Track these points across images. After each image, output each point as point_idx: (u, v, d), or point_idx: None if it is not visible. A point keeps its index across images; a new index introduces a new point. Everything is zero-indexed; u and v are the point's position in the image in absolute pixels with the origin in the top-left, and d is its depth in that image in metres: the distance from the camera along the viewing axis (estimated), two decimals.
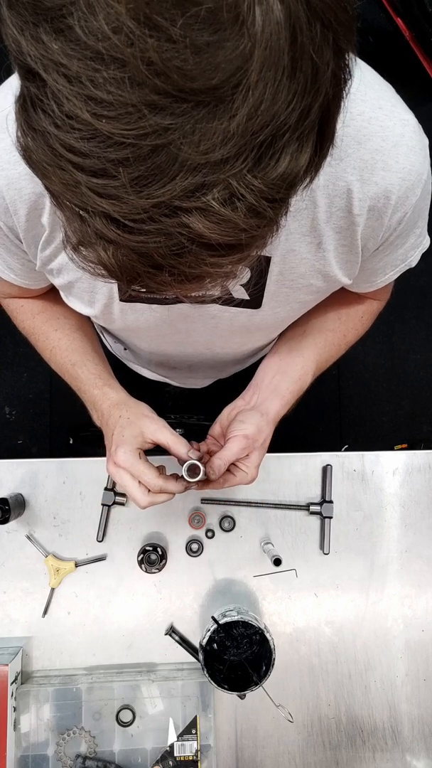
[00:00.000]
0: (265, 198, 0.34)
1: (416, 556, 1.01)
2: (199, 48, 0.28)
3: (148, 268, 0.36)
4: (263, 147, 0.32)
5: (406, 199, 0.58)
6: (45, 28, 0.29)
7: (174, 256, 0.35)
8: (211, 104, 0.30)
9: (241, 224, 0.34)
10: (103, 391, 0.80)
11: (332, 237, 0.61)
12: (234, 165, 0.32)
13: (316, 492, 1.00)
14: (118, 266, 0.37)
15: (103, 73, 0.29)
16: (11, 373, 1.94)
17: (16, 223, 0.62)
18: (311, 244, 0.62)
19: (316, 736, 0.97)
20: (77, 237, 0.37)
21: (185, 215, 0.33)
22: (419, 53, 1.94)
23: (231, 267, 0.38)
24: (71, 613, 0.97)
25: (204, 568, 0.98)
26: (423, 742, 0.98)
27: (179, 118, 0.30)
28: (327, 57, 0.32)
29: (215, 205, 0.33)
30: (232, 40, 0.29)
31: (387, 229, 0.61)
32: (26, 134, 0.33)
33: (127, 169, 0.31)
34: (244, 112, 0.30)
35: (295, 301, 0.71)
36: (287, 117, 0.31)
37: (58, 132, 0.31)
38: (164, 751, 0.92)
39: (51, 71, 0.30)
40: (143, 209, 0.33)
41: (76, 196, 0.33)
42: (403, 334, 2.03)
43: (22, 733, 0.91)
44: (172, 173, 0.31)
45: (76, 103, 0.30)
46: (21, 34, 0.30)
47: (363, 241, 0.63)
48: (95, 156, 0.31)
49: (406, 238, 0.66)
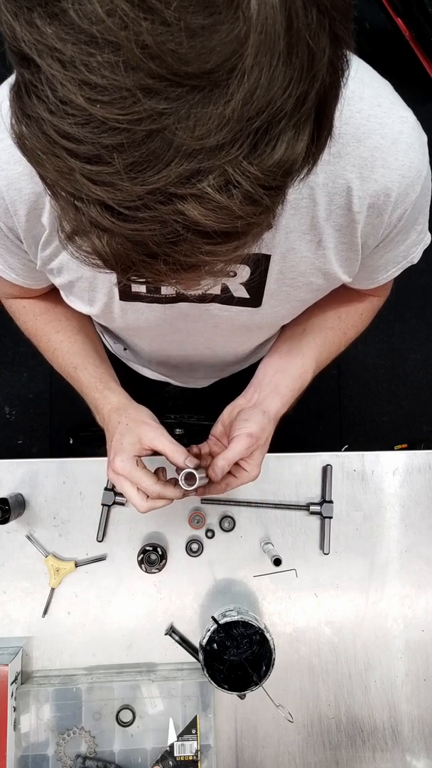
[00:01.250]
0: (261, 185, 0.33)
1: (416, 556, 1.01)
2: (194, 31, 0.28)
3: (143, 257, 0.36)
4: (259, 133, 0.32)
5: (406, 196, 0.58)
6: (39, 13, 0.29)
7: (169, 244, 0.35)
8: (206, 89, 0.30)
9: (237, 211, 0.34)
10: (104, 395, 0.80)
11: (332, 235, 0.61)
12: (230, 151, 0.31)
13: (316, 492, 1.00)
14: (113, 255, 0.36)
15: (98, 57, 0.29)
16: (11, 373, 1.94)
17: (16, 223, 0.62)
18: (311, 242, 0.62)
19: (316, 736, 0.97)
20: (72, 226, 0.36)
21: (180, 202, 0.33)
22: (419, 53, 1.94)
23: (227, 256, 0.38)
24: (71, 613, 0.97)
25: (204, 568, 0.98)
26: (423, 742, 0.98)
27: (174, 102, 0.30)
28: (323, 43, 0.32)
29: (211, 192, 0.32)
30: (227, 24, 0.28)
31: (387, 226, 0.61)
32: (20, 121, 0.33)
33: (121, 155, 0.31)
34: (240, 97, 0.30)
35: (296, 300, 0.71)
36: (283, 103, 0.31)
37: (53, 118, 0.31)
38: (164, 751, 0.92)
39: (45, 56, 0.29)
40: (138, 196, 0.32)
41: (70, 183, 0.33)
42: (403, 333, 2.03)
43: (22, 733, 0.91)
44: (167, 159, 0.31)
45: (71, 88, 0.30)
46: (15, 20, 0.29)
47: (363, 239, 0.62)
48: (89, 142, 0.31)
49: (406, 235, 0.66)
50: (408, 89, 2.19)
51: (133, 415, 0.76)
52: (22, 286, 0.77)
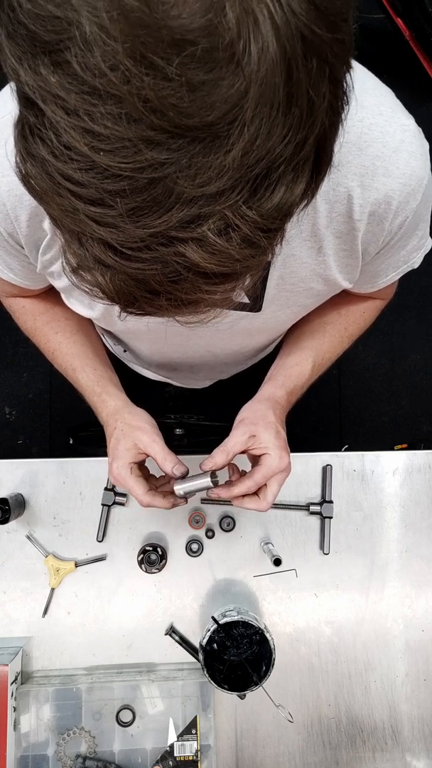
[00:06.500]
0: (259, 228, 0.34)
1: (416, 556, 1.01)
2: (195, 86, 0.28)
3: (145, 294, 0.37)
4: (258, 179, 0.32)
5: (407, 204, 0.58)
6: (43, 61, 0.29)
7: (170, 283, 0.36)
8: (207, 140, 0.30)
9: (235, 255, 0.34)
10: (102, 399, 0.80)
11: (332, 241, 0.61)
12: (229, 197, 0.32)
13: (316, 492, 1.00)
14: (116, 291, 0.37)
15: (101, 108, 0.29)
16: (11, 373, 1.94)
17: (17, 228, 0.62)
18: (312, 249, 0.62)
19: (316, 736, 0.97)
20: (76, 260, 0.37)
21: (181, 245, 0.33)
22: (419, 53, 1.94)
23: (226, 294, 0.39)
24: (71, 613, 0.97)
25: (204, 568, 0.98)
26: (423, 742, 0.98)
27: (175, 153, 0.30)
28: (323, 90, 0.32)
29: (210, 236, 0.33)
30: (228, 79, 0.29)
31: (388, 233, 0.61)
32: (25, 160, 0.33)
33: (123, 200, 0.32)
34: (240, 147, 0.30)
35: (296, 305, 0.71)
36: (283, 150, 0.32)
37: (56, 161, 0.32)
38: (164, 751, 0.92)
39: (49, 102, 0.30)
40: (140, 238, 0.33)
41: (74, 222, 0.34)
42: (403, 334, 2.03)
43: (22, 733, 0.91)
44: (168, 205, 0.32)
45: (74, 135, 0.30)
46: (19, 64, 0.30)
47: (364, 246, 0.63)
48: (93, 186, 0.31)
49: (407, 241, 0.66)
50: (408, 89, 2.18)
51: (128, 419, 0.76)
52: (20, 286, 0.77)
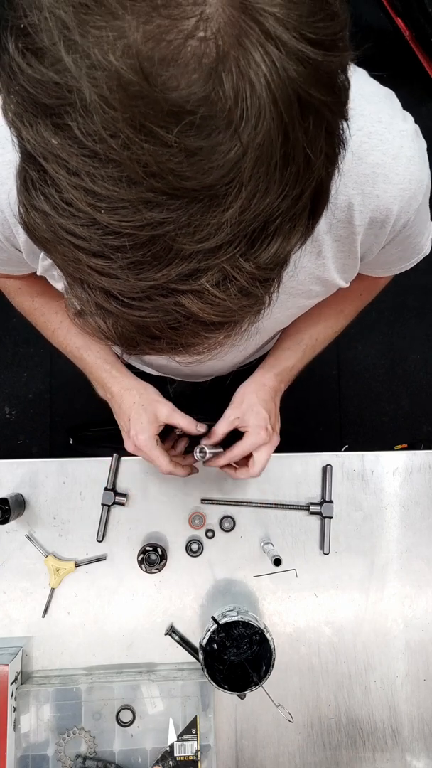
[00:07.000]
0: (256, 279, 0.35)
1: (416, 556, 1.01)
2: (193, 152, 0.29)
3: (146, 338, 0.38)
4: (255, 233, 0.33)
5: (408, 207, 0.59)
6: (45, 122, 0.30)
7: (171, 330, 0.37)
8: (205, 200, 0.31)
9: (232, 306, 0.36)
10: (112, 374, 0.86)
11: (331, 245, 0.62)
12: (227, 251, 0.33)
13: (316, 492, 1.00)
14: (118, 336, 0.39)
15: (101, 170, 0.30)
16: (11, 373, 1.94)
17: (15, 233, 0.63)
18: (311, 254, 0.62)
19: (316, 736, 0.97)
20: (79, 304, 0.38)
21: (180, 296, 0.35)
22: (419, 53, 1.94)
23: (224, 338, 0.40)
24: (71, 613, 0.97)
25: (204, 568, 0.98)
26: (423, 742, 0.98)
27: (174, 212, 0.31)
28: (320, 145, 0.33)
29: (209, 288, 0.34)
30: (226, 144, 0.30)
31: (391, 232, 0.62)
32: (28, 211, 0.34)
33: (124, 254, 0.33)
34: (237, 205, 0.31)
35: (294, 306, 0.71)
36: (279, 204, 0.33)
37: (58, 216, 0.32)
38: (164, 751, 0.92)
39: (51, 161, 0.31)
40: (141, 289, 0.34)
41: (77, 271, 0.35)
42: (403, 334, 2.03)
43: (22, 733, 0.91)
44: (168, 260, 0.33)
45: (75, 194, 0.31)
46: (21, 122, 0.31)
47: (365, 247, 0.63)
48: (94, 241, 0.32)
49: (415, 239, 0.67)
50: (408, 89, 2.19)
51: (144, 394, 0.84)
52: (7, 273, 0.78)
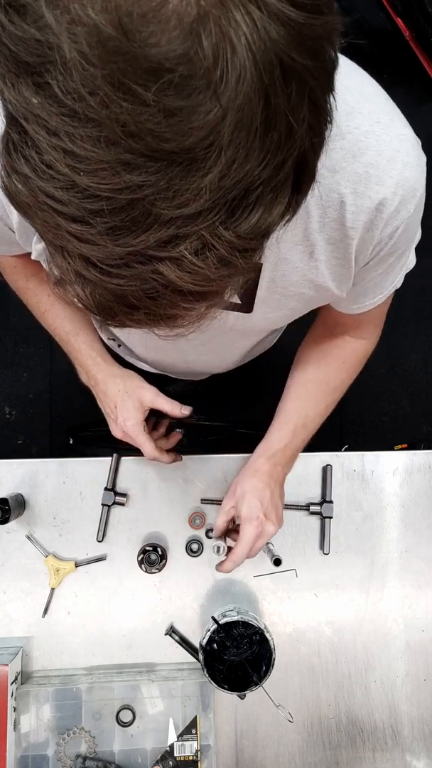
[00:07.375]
0: (236, 249, 0.35)
1: (416, 556, 1.01)
2: (172, 112, 0.29)
3: (123, 308, 0.38)
4: (236, 200, 0.33)
5: (398, 213, 0.57)
6: (26, 81, 0.30)
7: (149, 299, 0.37)
8: (185, 163, 0.31)
9: (211, 275, 0.35)
10: (96, 362, 0.88)
11: (324, 248, 0.61)
12: (207, 218, 0.33)
13: (316, 492, 1.00)
14: (96, 305, 0.38)
15: (80, 130, 0.30)
16: (11, 373, 1.94)
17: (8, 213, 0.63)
18: (303, 253, 0.62)
19: (316, 736, 0.97)
20: (59, 273, 0.38)
21: (159, 263, 0.34)
22: (419, 53, 1.94)
23: (203, 310, 0.40)
24: (71, 613, 0.97)
25: (204, 568, 0.98)
26: (423, 742, 0.98)
27: (153, 175, 0.31)
28: (303, 113, 0.32)
29: (187, 256, 0.34)
30: (205, 105, 0.29)
31: (378, 242, 0.61)
32: (9, 175, 0.34)
33: (103, 219, 0.32)
34: (217, 170, 0.31)
35: (287, 308, 0.71)
36: (260, 172, 0.32)
37: (39, 179, 0.32)
38: (164, 751, 0.92)
39: (31, 122, 0.31)
40: (119, 256, 0.34)
41: (56, 237, 0.35)
42: (403, 334, 2.03)
43: (22, 733, 0.91)
44: (146, 225, 0.32)
45: (55, 155, 0.31)
46: (3, 83, 0.31)
47: (355, 255, 0.62)
48: (73, 205, 0.32)
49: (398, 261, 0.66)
50: (408, 89, 2.18)
51: (128, 381, 0.87)
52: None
